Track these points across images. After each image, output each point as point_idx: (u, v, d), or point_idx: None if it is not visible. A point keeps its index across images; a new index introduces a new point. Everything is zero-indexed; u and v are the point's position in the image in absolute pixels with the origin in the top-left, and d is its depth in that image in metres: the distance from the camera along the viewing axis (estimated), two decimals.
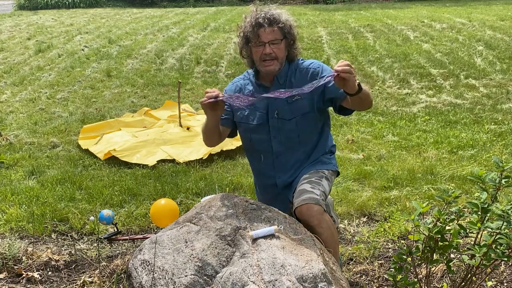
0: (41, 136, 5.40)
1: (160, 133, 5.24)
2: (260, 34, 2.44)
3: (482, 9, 15.14)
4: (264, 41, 2.45)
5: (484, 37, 10.23)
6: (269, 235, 2.16)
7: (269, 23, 2.44)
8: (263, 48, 2.46)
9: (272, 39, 2.46)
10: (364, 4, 18.82)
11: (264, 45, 2.45)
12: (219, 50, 9.96)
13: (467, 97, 6.46)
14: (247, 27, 2.48)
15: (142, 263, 2.27)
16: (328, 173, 2.62)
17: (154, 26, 13.57)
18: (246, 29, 2.49)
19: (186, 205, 3.73)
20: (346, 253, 3.05)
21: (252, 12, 2.50)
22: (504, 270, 2.84)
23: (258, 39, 2.45)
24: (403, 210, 3.55)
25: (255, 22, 2.44)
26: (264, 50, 2.46)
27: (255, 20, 2.45)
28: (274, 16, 2.45)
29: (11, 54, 10.03)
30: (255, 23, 2.44)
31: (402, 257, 2.14)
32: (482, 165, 4.29)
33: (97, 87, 7.50)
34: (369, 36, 10.95)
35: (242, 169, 4.36)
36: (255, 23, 2.44)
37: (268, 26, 2.44)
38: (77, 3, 19.43)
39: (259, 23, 2.44)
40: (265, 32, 2.44)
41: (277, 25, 2.45)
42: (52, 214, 3.58)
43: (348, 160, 4.52)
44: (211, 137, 2.62)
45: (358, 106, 2.43)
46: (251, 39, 2.47)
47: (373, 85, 7.13)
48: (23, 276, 2.83)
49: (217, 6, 19.55)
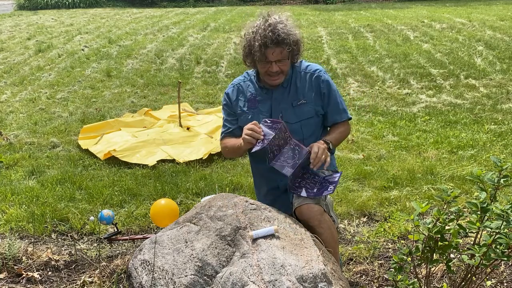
0: (41, 136, 5.40)
1: (160, 133, 5.25)
2: (268, 54, 2.43)
3: (482, 9, 15.13)
4: (271, 60, 2.45)
5: (484, 37, 10.23)
6: (269, 235, 2.16)
7: (277, 44, 2.41)
8: (269, 65, 2.47)
9: (280, 59, 2.46)
10: (364, 4, 18.81)
11: (271, 63, 2.46)
12: (219, 50, 9.96)
13: (467, 97, 6.46)
14: (254, 45, 2.45)
15: (142, 263, 2.27)
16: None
17: (154, 26, 13.58)
18: (252, 47, 2.46)
19: (186, 205, 3.73)
20: (346, 253, 3.05)
21: (259, 27, 2.44)
22: (504, 270, 2.84)
23: (265, 58, 2.45)
24: (403, 210, 3.55)
25: (262, 42, 2.41)
26: (271, 68, 2.47)
27: (263, 40, 2.41)
28: (282, 36, 2.41)
29: (11, 54, 10.03)
30: (263, 43, 2.41)
31: (402, 257, 2.14)
32: (482, 165, 4.29)
33: (97, 87, 7.51)
34: (369, 36, 10.95)
35: (242, 169, 4.37)
36: (262, 43, 2.41)
37: (275, 46, 2.42)
38: (77, 3, 19.43)
39: (266, 44, 2.41)
40: (272, 55, 2.43)
41: (286, 46, 2.43)
42: (52, 214, 3.58)
43: (348, 160, 4.52)
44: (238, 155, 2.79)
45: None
46: (258, 57, 2.46)
47: (373, 85, 7.14)
48: (23, 276, 2.83)
49: (217, 6, 19.55)
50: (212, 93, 7.04)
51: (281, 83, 2.56)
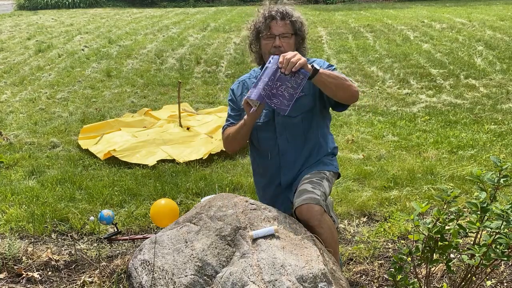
0: (41, 136, 5.40)
1: (160, 133, 5.25)
2: (272, 26, 2.49)
3: (482, 9, 15.13)
4: (275, 33, 2.49)
5: (484, 37, 10.23)
6: (269, 235, 2.16)
7: (282, 17, 2.49)
8: (273, 41, 2.49)
9: (283, 32, 2.49)
10: (364, 4, 18.82)
11: (275, 37, 2.49)
12: (219, 50, 9.96)
13: (467, 97, 6.46)
14: (259, 18, 2.53)
15: (142, 263, 2.27)
16: (329, 174, 2.63)
17: (154, 26, 13.58)
18: (258, 21, 2.54)
19: (186, 205, 3.73)
20: (346, 253, 3.05)
21: (265, 5, 2.55)
22: (504, 270, 2.84)
23: (269, 31, 2.49)
24: (403, 210, 3.55)
25: (268, 14, 2.49)
26: (274, 42, 2.49)
27: (268, 12, 2.50)
28: (287, 10, 2.51)
29: (11, 54, 10.03)
30: (268, 15, 2.49)
31: (402, 257, 2.14)
32: (482, 165, 4.29)
33: (97, 87, 7.51)
34: (369, 36, 10.95)
35: (242, 169, 4.37)
36: (268, 15, 2.49)
37: (280, 19, 2.49)
38: (77, 3, 19.43)
39: (271, 15, 2.49)
40: (276, 25, 2.49)
41: (289, 19, 2.50)
42: (52, 214, 3.58)
43: (348, 160, 4.52)
44: (241, 139, 2.62)
45: (334, 93, 2.42)
46: (262, 30, 2.51)
47: (373, 85, 7.14)
48: (23, 276, 2.83)
49: (217, 6, 19.55)
50: (212, 93, 7.04)
51: None
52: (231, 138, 2.65)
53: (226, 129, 2.70)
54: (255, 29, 2.56)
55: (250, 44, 2.63)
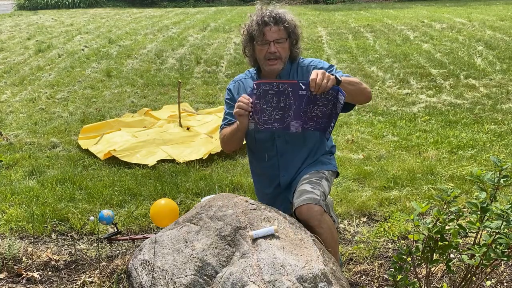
0: (41, 136, 5.40)
1: (160, 133, 5.25)
2: (266, 32, 2.47)
3: (482, 9, 15.14)
4: (269, 39, 2.47)
5: (484, 37, 10.23)
6: (269, 235, 2.16)
7: (275, 22, 2.46)
8: (267, 47, 2.48)
9: (277, 38, 2.48)
10: (364, 4, 18.82)
11: (269, 43, 2.47)
12: (219, 50, 9.96)
13: (467, 97, 6.46)
14: (252, 25, 2.50)
15: (142, 263, 2.27)
16: (328, 173, 2.63)
17: (154, 26, 13.57)
18: (251, 27, 2.51)
19: (186, 205, 3.73)
20: (346, 253, 3.05)
21: (258, 10, 2.52)
22: (504, 270, 2.84)
23: (263, 37, 2.47)
24: (403, 210, 3.55)
25: (261, 21, 2.47)
26: (269, 49, 2.48)
27: (261, 18, 2.47)
28: (280, 15, 2.48)
29: (11, 54, 10.03)
30: (261, 21, 2.46)
31: (402, 257, 2.14)
32: (482, 165, 4.29)
33: (97, 87, 7.51)
34: (369, 36, 10.95)
35: (242, 169, 4.37)
36: (261, 21, 2.47)
37: (273, 25, 2.46)
38: (77, 3, 19.43)
39: (265, 21, 2.46)
40: (270, 31, 2.47)
41: (283, 24, 2.47)
42: (52, 214, 3.58)
43: (348, 160, 4.52)
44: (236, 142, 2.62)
45: (353, 98, 2.43)
46: (256, 37, 2.49)
47: (373, 85, 7.13)
48: (23, 276, 2.83)
49: (217, 6, 19.55)
50: (212, 93, 7.04)
51: (279, 71, 2.56)
52: (226, 140, 2.65)
53: (223, 129, 2.71)
54: (248, 34, 2.54)
55: (244, 48, 2.62)
